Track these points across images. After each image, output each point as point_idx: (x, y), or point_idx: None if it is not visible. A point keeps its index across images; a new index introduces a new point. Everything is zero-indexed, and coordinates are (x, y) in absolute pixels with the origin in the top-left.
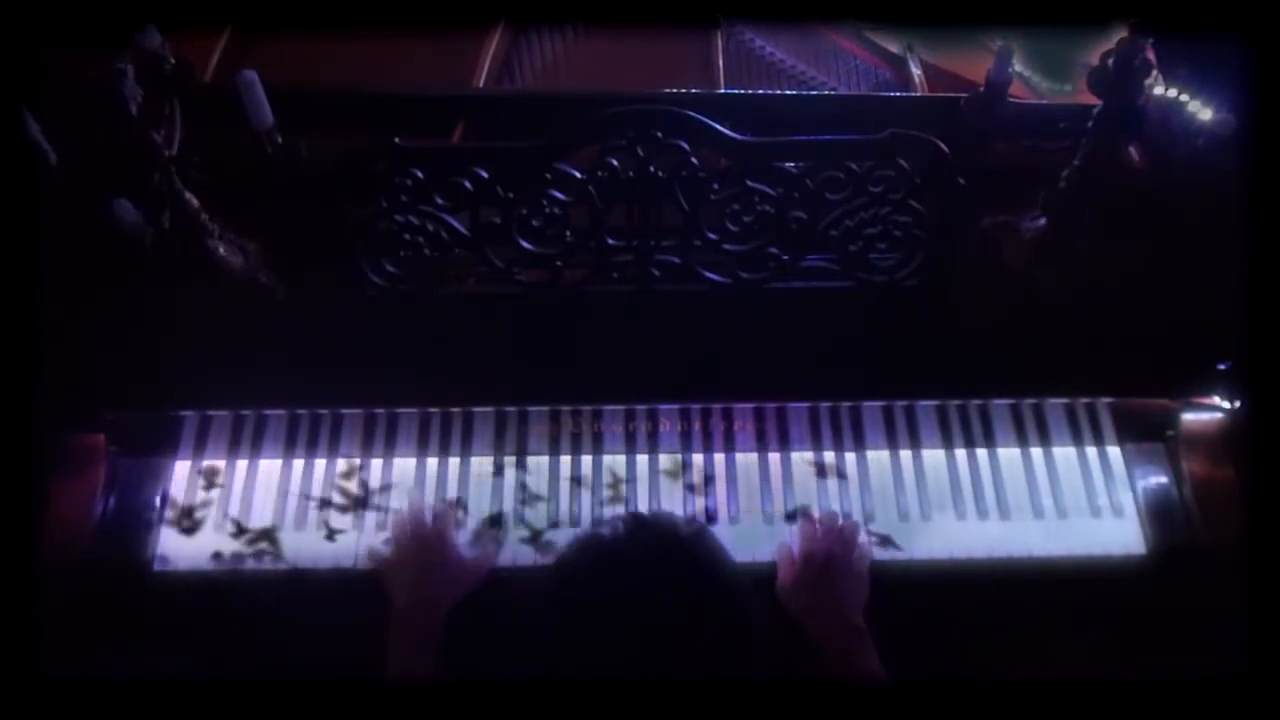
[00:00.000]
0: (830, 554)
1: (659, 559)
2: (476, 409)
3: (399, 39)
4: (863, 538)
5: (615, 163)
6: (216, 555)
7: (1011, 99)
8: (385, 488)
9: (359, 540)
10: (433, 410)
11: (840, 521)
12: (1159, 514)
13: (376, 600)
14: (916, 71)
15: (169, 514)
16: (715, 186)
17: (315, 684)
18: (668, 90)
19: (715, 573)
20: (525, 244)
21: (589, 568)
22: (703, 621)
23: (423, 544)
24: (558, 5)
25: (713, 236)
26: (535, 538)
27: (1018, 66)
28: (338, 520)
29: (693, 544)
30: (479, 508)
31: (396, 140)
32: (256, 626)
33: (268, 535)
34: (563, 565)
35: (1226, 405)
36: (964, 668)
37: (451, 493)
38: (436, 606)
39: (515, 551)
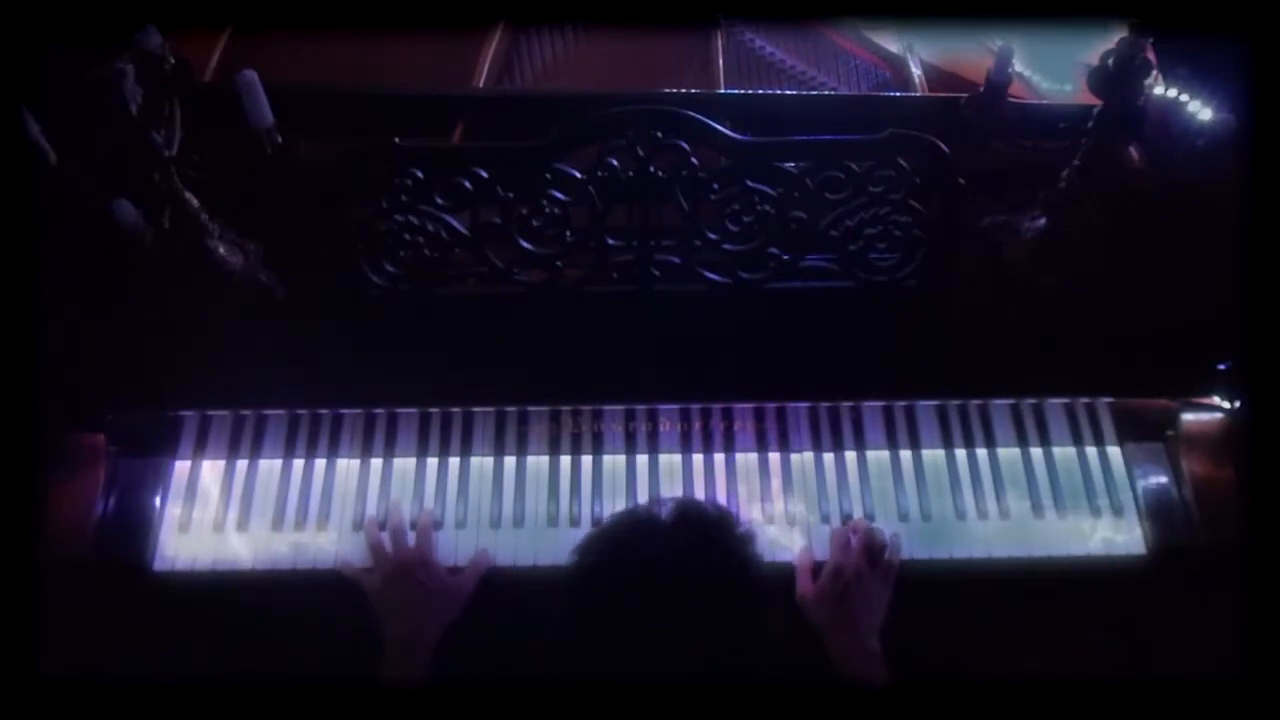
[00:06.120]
0: (859, 571)
1: (697, 546)
2: (476, 409)
3: (399, 39)
4: (891, 555)
5: (615, 163)
6: (216, 555)
7: (1011, 99)
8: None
9: (359, 540)
10: (433, 410)
11: (876, 535)
12: (1159, 514)
13: None
14: (916, 71)
15: (169, 514)
16: (715, 186)
17: (315, 684)
18: (668, 90)
19: (745, 572)
20: (525, 244)
21: (626, 543)
22: (724, 617)
23: (406, 570)
24: (558, 5)
25: (713, 236)
26: (534, 538)
27: (1018, 66)
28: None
29: (731, 540)
30: (479, 508)
31: (396, 140)
32: (256, 626)
33: (267, 535)
34: (601, 538)
35: (1226, 405)
36: (964, 668)
37: (452, 492)
38: (425, 633)
39: (515, 553)
